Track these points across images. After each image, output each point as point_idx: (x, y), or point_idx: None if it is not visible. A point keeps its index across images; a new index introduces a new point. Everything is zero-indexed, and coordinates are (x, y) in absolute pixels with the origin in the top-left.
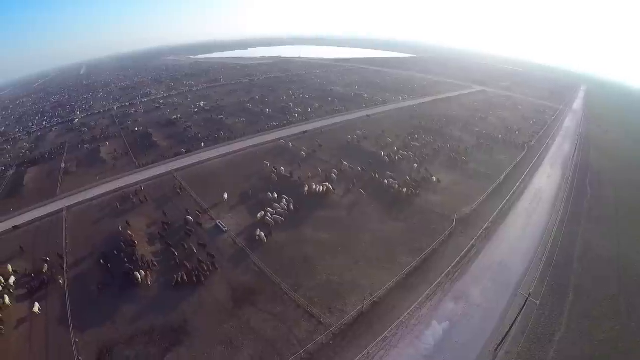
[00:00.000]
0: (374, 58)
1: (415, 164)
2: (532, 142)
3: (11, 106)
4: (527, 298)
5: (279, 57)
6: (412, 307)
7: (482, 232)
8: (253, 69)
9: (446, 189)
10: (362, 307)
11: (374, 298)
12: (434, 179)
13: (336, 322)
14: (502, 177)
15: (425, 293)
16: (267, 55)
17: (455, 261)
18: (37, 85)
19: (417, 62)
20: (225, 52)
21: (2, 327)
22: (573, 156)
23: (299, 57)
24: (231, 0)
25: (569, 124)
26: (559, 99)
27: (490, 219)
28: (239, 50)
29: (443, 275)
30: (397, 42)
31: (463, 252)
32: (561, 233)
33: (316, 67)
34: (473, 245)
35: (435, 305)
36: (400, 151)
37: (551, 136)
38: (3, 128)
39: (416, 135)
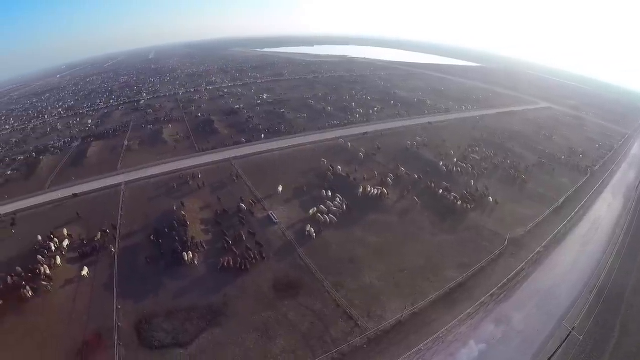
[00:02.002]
0: (438, 64)
1: (472, 181)
2: (596, 167)
3: (81, 83)
4: (571, 332)
5: (344, 57)
6: (452, 323)
7: (533, 256)
8: (318, 66)
9: (502, 206)
10: (402, 315)
11: (414, 308)
12: (491, 199)
13: (373, 327)
14: (561, 200)
15: (467, 311)
16: (333, 53)
17: (502, 282)
18: (107, 65)
19: (483, 72)
20: (291, 48)
21: (51, 284)
22: (638, 186)
23: (364, 58)
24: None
25: (637, 151)
26: (628, 123)
27: (544, 243)
28: (305, 47)
29: (488, 295)
30: (463, 50)
31: (511, 274)
32: (615, 267)
33: (380, 69)
34: (523, 269)
35: (475, 324)
36: (459, 162)
37: (616, 162)
38: (72, 102)
39: (476, 148)
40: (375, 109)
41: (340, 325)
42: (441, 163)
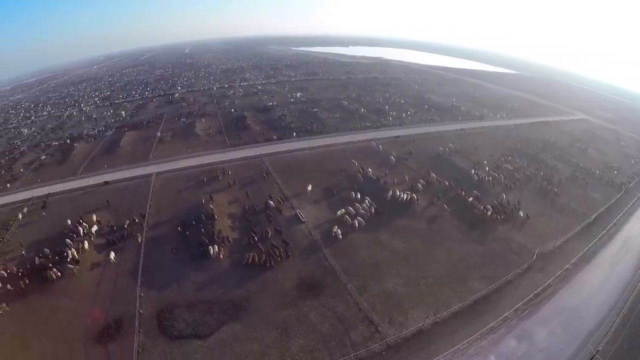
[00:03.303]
0: (474, 70)
1: (504, 192)
2: (631, 184)
3: (118, 74)
4: (594, 355)
5: (378, 58)
6: (473, 336)
7: (561, 272)
8: (352, 67)
9: (532, 219)
10: (423, 324)
11: (436, 318)
12: (522, 214)
13: (394, 334)
14: (593, 216)
15: (490, 325)
16: (367, 54)
17: (528, 298)
18: (143, 58)
19: (518, 79)
20: (326, 47)
21: (77, 268)
22: None
23: (398, 60)
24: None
25: None
26: None
27: (573, 260)
28: (340, 47)
29: (512, 310)
30: (499, 56)
31: (538, 290)
32: None
33: (415, 72)
34: (549, 285)
35: (497, 339)
36: (491, 171)
37: None
38: (108, 93)
39: (509, 157)
40: (409, 112)
41: (361, 330)
42: (473, 171)
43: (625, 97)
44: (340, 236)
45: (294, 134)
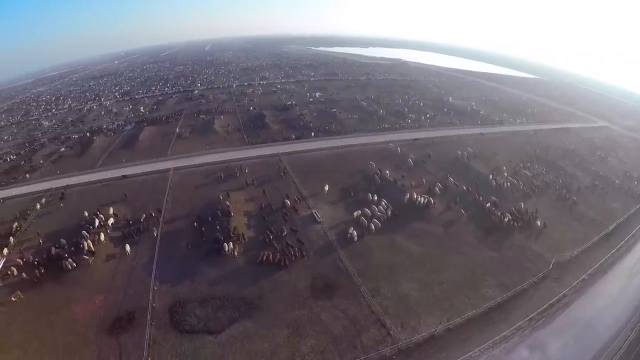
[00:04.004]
0: (494, 74)
1: (522, 200)
2: None
3: (138, 70)
4: None
5: (398, 60)
6: (486, 344)
7: (577, 283)
8: (371, 68)
9: (549, 227)
10: (436, 330)
11: (449, 324)
12: (539, 223)
13: (405, 339)
14: (612, 227)
15: (503, 333)
16: (387, 56)
17: (542, 308)
18: (163, 55)
19: (539, 84)
20: (345, 48)
21: (92, 259)
22: None
23: (418, 62)
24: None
25: None
26: None
27: (590, 271)
28: (359, 48)
29: (526, 319)
30: (518, 60)
31: (553, 300)
32: None
33: (434, 75)
34: (565, 295)
35: (509, 348)
36: (510, 177)
37: None
38: (128, 88)
39: (528, 164)
40: (428, 115)
41: (372, 333)
42: (491, 176)
43: None
44: (356, 238)
45: (313, 133)
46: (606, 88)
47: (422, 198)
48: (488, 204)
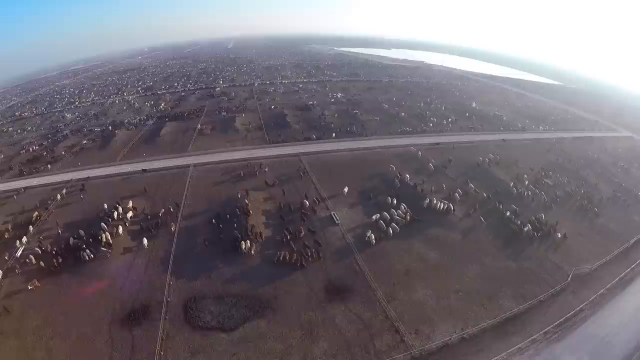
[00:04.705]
0: (516, 79)
1: (542, 211)
2: None
3: (161, 65)
4: None
5: (421, 62)
6: (500, 355)
7: (595, 298)
8: (394, 70)
9: (569, 239)
10: (450, 339)
11: (463, 334)
12: (559, 235)
13: (419, 346)
14: (632, 241)
15: (518, 345)
16: (410, 58)
17: (559, 321)
18: (186, 51)
19: (563, 91)
20: (368, 49)
21: (110, 252)
22: None
23: (441, 65)
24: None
25: None
26: None
27: (608, 285)
28: (382, 49)
29: (541, 332)
30: (541, 66)
31: (569, 314)
32: None
33: (457, 79)
34: (582, 310)
35: None
36: (531, 186)
37: None
38: (151, 83)
39: (550, 172)
40: (450, 119)
41: (386, 338)
42: (512, 184)
43: None
44: (374, 241)
45: (333, 134)
46: (633, 97)
47: (442, 204)
48: (508, 213)
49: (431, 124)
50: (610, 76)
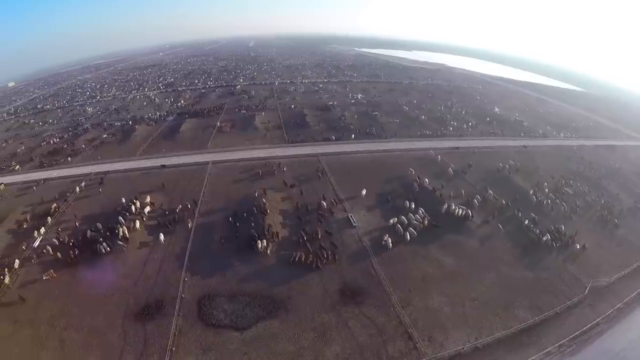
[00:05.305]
0: (538, 84)
1: (562, 220)
2: None
3: (182, 62)
4: None
5: (442, 65)
6: None
7: (612, 312)
8: (415, 72)
9: (588, 250)
10: (463, 348)
11: (477, 343)
12: (578, 246)
13: (432, 354)
14: None
15: (531, 358)
16: (431, 60)
17: (574, 334)
18: (208, 49)
19: (586, 97)
20: (389, 50)
21: (126, 246)
22: None
23: (462, 69)
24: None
25: None
26: None
27: (626, 300)
28: (403, 50)
29: (556, 345)
30: (563, 71)
31: (586, 327)
32: None
33: (478, 82)
34: (598, 323)
35: None
36: (551, 194)
37: None
38: (172, 80)
39: (571, 181)
40: (470, 123)
41: (399, 344)
42: (532, 192)
43: None
44: (391, 245)
45: (353, 135)
46: None
47: (461, 210)
48: (527, 221)
49: (451, 128)
50: (633, 83)
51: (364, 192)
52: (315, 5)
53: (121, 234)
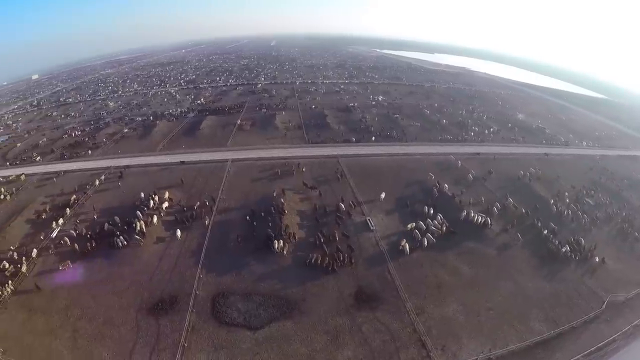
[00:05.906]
0: (561, 90)
1: (582, 232)
2: None
3: (204, 60)
4: None
5: (463, 68)
6: None
7: (629, 328)
8: (436, 75)
9: (607, 264)
10: (476, 359)
11: (491, 354)
12: (597, 259)
13: None
14: None
15: None
16: (452, 64)
17: (590, 350)
18: (229, 47)
19: (607, 104)
20: (411, 52)
21: (143, 240)
22: None
23: (484, 73)
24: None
25: None
26: None
27: None
28: (424, 53)
29: None
30: (588, 78)
31: (602, 343)
32: None
33: (500, 87)
34: (614, 340)
35: None
36: (572, 205)
37: None
38: (193, 77)
39: (592, 192)
40: (492, 129)
41: (412, 352)
42: (552, 201)
43: None
44: (408, 251)
45: (373, 138)
46: None
47: (480, 217)
48: (546, 231)
49: (472, 133)
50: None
51: (382, 195)
52: (306, 5)
53: (138, 228)
